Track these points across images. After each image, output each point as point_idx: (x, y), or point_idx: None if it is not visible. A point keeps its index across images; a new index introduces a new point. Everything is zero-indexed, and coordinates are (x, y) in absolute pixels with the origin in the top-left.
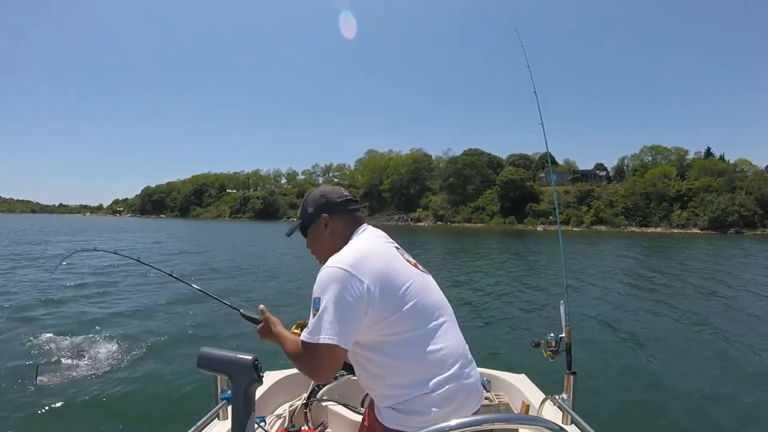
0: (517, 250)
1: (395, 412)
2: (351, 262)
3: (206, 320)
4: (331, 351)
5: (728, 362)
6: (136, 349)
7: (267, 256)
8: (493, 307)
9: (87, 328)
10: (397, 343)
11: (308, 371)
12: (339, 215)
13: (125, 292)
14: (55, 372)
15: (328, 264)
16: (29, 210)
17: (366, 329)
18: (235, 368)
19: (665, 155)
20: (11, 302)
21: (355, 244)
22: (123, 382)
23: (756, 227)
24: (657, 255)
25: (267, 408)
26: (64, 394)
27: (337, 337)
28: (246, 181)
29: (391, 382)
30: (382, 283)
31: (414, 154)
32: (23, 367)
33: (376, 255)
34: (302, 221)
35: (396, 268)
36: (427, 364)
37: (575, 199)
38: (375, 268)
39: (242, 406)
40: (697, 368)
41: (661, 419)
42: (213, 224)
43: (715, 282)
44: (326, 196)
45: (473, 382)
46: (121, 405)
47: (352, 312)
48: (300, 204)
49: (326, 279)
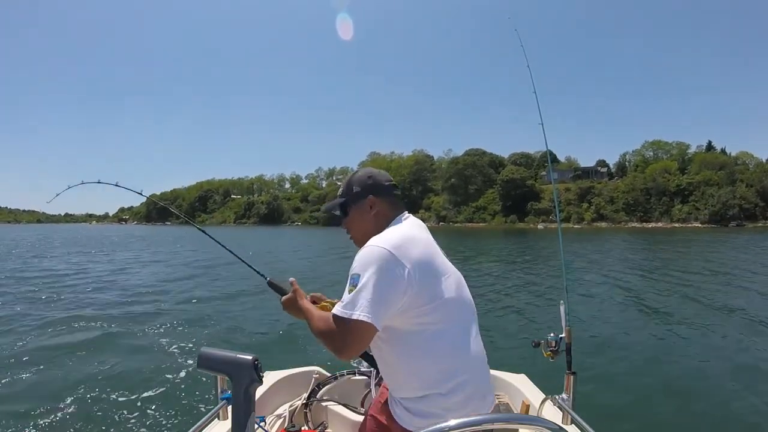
0: (518, 249)
1: (410, 413)
2: (395, 244)
3: (207, 320)
4: (363, 328)
5: (729, 362)
6: (137, 349)
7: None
8: (493, 306)
9: (87, 328)
10: (426, 334)
11: (335, 347)
12: (384, 198)
13: (126, 289)
14: (55, 372)
15: (372, 242)
16: (35, 220)
17: (399, 314)
18: (235, 368)
19: (666, 150)
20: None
21: (399, 229)
22: (123, 382)
23: (757, 219)
24: (657, 250)
25: (267, 408)
26: (63, 394)
27: (372, 315)
28: (250, 186)
29: (414, 373)
30: (422, 271)
31: (416, 156)
32: (14, 369)
33: (419, 242)
34: (345, 199)
35: (437, 259)
36: (449, 360)
37: (576, 197)
38: (417, 254)
39: (242, 406)
40: (698, 368)
41: (662, 419)
42: (218, 230)
43: (716, 279)
44: (374, 178)
45: (488, 387)
46: (121, 405)
47: (390, 293)
48: (333, 195)
49: (369, 257)
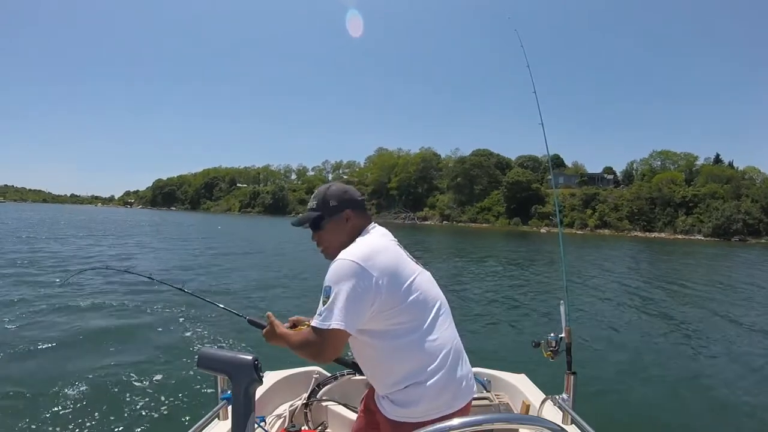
0: (519, 250)
1: (393, 404)
2: (363, 256)
3: (207, 320)
4: (338, 335)
5: (729, 362)
6: (137, 349)
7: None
8: (493, 307)
9: (87, 328)
10: (399, 332)
11: (313, 353)
12: (358, 212)
13: (127, 294)
14: (53, 372)
15: (342, 256)
16: (41, 200)
17: (372, 318)
18: (235, 368)
19: (674, 160)
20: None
21: (366, 240)
22: (123, 381)
23: (761, 235)
24: (658, 259)
25: (267, 408)
26: (62, 392)
27: (344, 323)
28: (256, 175)
29: (391, 369)
30: (389, 277)
31: (423, 153)
32: (20, 369)
33: (385, 251)
34: (320, 213)
35: (402, 263)
36: (423, 353)
37: (581, 202)
38: (384, 263)
39: (242, 406)
40: (698, 368)
41: (662, 419)
42: (224, 218)
43: (715, 286)
44: (349, 193)
45: (464, 374)
46: (121, 405)
47: (360, 302)
48: (312, 197)
49: (339, 270)
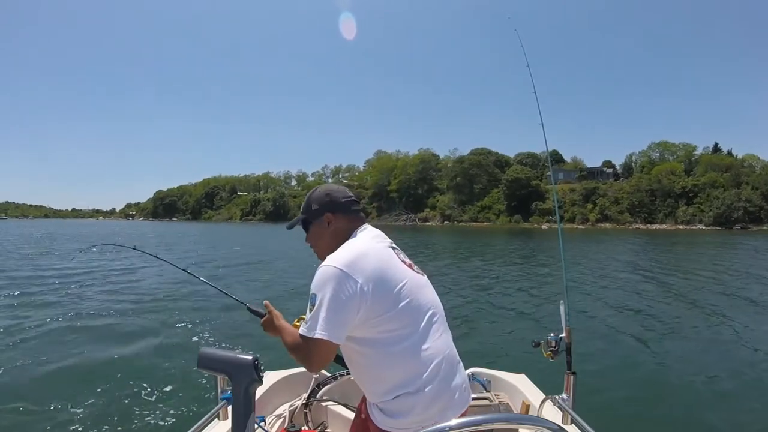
0: (520, 248)
1: (383, 414)
2: (346, 261)
3: (207, 321)
4: (323, 345)
5: (730, 361)
6: (137, 349)
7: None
8: (493, 306)
9: (87, 328)
10: (389, 340)
11: (303, 361)
12: (342, 215)
13: (129, 290)
14: (53, 372)
15: (325, 263)
16: (42, 215)
17: (359, 325)
18: (235, 368)
19: (673, 151)
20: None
21: (352, 244)
22: (122, 381)
23: (762, 222)
24: (659, 252)
25: (267, 408)
26: (62, 393)
27: (328, 333)
28: (256, 183)
29: (381, 378)
30: (376, 283)
31: (422, 155)
32: (20, 369)
33: (372, 255)
34: (305, 217)
35: (390, 268)
36: (415, 362)
37: (581, 197)
38: (370, 267)
39: (242, 406)
40: (699, 368)
41: (662, 419)
42: (226, 227)
43: (717, 279)
44: (331, 195)
45: (459, 383)
46: (120, 405)
47: (344, 310)
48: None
49: (322, 277)
